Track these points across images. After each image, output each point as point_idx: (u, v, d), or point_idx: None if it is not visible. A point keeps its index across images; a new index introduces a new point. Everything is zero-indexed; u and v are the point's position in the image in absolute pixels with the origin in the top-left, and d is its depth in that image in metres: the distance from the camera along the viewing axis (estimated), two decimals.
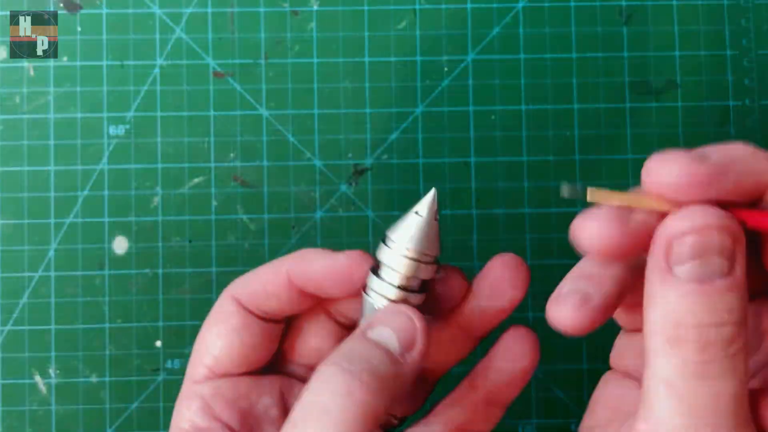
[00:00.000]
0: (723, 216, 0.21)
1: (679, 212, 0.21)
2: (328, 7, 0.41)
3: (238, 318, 0.28)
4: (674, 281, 0.20)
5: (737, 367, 0.21)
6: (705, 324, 0.20)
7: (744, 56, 0.41)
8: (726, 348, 0.20)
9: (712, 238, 0.20)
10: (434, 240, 0.26)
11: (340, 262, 0.27)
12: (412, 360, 0.25)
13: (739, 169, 0.21)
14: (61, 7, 0.40)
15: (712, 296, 0.20)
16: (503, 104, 0.40)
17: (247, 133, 0.40)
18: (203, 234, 0.40)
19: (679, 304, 0.20)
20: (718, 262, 0.20)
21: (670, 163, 0.21)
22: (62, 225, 0.39)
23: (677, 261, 0.21)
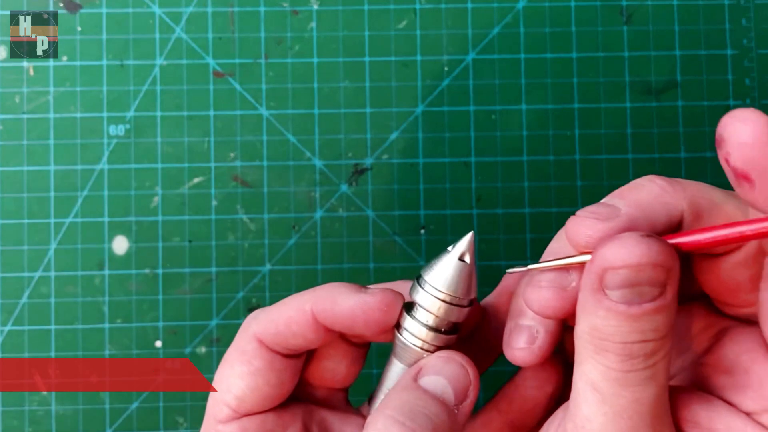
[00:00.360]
0: (657, 248, 0.21)
1: (615, 241, 0.21)
2: (328, 6, 0.41)
3: (261, 359, 0.27)
4: (605, 301, 0.21)
5: (658, 375, 0.22)
6: (629, 341, 0.21)
7: (744, 56, 0.41)
8: (647, 360, 0.22)
9: (646, 272, 0.21)
10: (470, 283, 0.25)
11: (368, 302, 0.26)
12: (464, 411, 0.25)
13: (648, 213, 0.22)
14: (61, 7, 0.40)
15: (640, 319, 0.21)
16: (503, 104, 0.40)
17: (247, 133, 0.40)
18: (203, 234, 0.40)
19: (608, 322, 0.21)
20: (648, 290, 0.21)
21: (581, 227, 0.23)
22: (62, 225, 0.39)
23: (610, 286, 0.21)
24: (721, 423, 0.23)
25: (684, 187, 0.23)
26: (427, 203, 0.40)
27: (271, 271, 0.40)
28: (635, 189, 0.23)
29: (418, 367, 0.25)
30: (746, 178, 0.21)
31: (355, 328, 0.26)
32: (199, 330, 0.39)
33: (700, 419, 0.23)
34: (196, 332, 0.39)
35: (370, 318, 0.26)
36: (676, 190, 0.23)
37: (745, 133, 0.20)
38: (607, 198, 0.23)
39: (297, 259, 0.40)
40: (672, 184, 0.23)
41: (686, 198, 0.23)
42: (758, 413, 0.22)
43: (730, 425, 0.23)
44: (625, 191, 0.23)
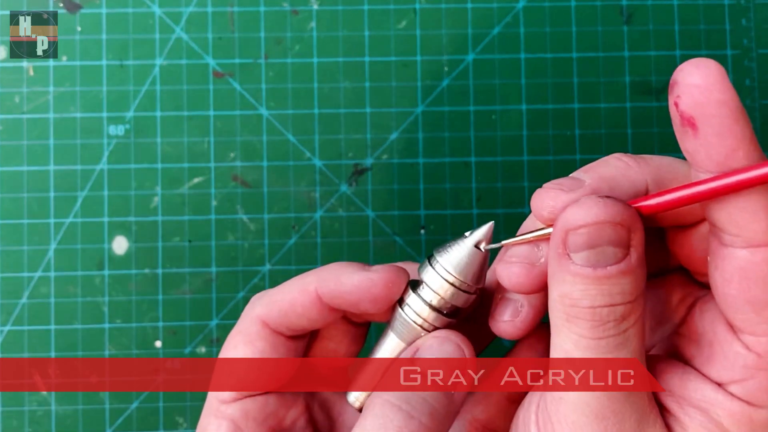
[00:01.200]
0: (616, 208, 0.22)
1: (576, 204, 0.22)
2: (328, 6, 0.41)
3: (264, 340, 0.27)
4: (570, 265, 0.22)
5: (631, 341, 0.22)
6: (598, 305, 0.22)
7: (744, 56, 0.41)
8: (618, 326, 0.22)
9: (606, 231, 0.22)
10: (481, 272, 0.25)
11: (372, 279, 0.26)
12: (461, 394, 0.25)
13: (610, 187, 0.23)
14: (61, 7, 0.40)
15: (606, 281, 0.22)
16: (503, 104, 0.40)
17: (247, 133, 0.40)
18: (203, 234, 0.40)
19: (575, 287, 0.22)
20: (611, 250, 0.22)
21: (544, 198, 0.23)
22: (62, 225, 0.39)
23: (573, 249, 0.22)
24: (693, 391, 0.23)
25: (648, 162, 0.24)
26: (427, 203, 0.40)
27: (271, 271, 0.40)
28: (601, 164, 0.24)
29: (414, 347, 0.26)
30: (691, 123, 0.21)
31: (361, 305, 0.26)
32: (199, 330, 0.39)
33: (673, 387, 0.23)
34: (196, 332, 0.39)
35: (376, 295, 0.26)
36: (640, 165, 0.24)
37: (699, 76, 0.20)
38: (573, 173, 0.24)
39: (297, 259, 0.40)
40: (637, 159, 0.24)
41: (651, 172, 0.23)
42: (728, 384, 0.23)
43: (702, 394, 0.23)
44: (590, 166, 0.24)
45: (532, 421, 0.24)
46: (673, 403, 0.23)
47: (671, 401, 0.23)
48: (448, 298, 0.25)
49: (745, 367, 0.22)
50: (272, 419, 0.27)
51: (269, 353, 0.27)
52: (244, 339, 0.27)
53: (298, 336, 0.28)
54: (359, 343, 0.29)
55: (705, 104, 0.20)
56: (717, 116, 0.20)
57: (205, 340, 0.39)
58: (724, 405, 0.22)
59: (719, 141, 0.21)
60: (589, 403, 0.22)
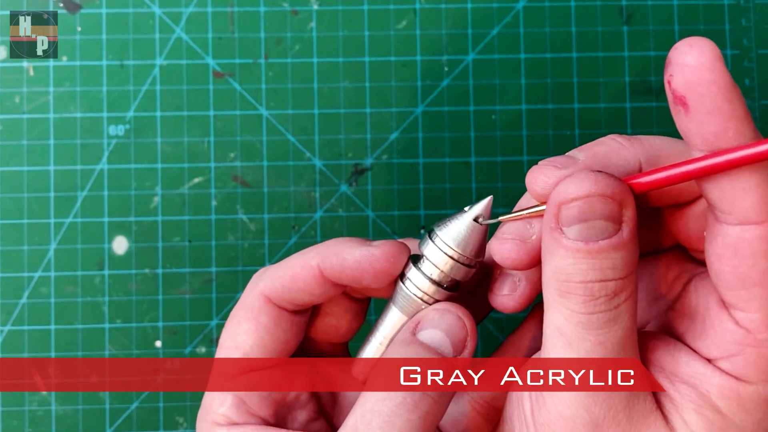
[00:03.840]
0: (610, 182, 0.22)
1: (568, 178, 0.22)
2: (328, 6, 0.41)
3: (268, 314, 0.27)
4: (563, 240, 0.22)
5: (622, 317, 0.22)
6: (590, 280, 0.22)
7: (744, 56, 0.41)
8: (610, 302, 0.22)
9: (597, 205, 0.22)
10: (480, 246, 0.26)
11: (374, 254, 0.26)
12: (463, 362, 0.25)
13: (603, 165, 0.23)
14: (61, 7, 0.40)
15: (597, 255, 0.22)
16: (503, 104, 0.40)
17: (247, 133, 0.40)
18: (203, 234, 0.40)
19: (567, 261, 0.22)
20: (603, 224, 0.22)
21: (538, 174, 0.23)
22: (62, 225, 0.39)
23: (565, 223, 0.22)
24: (683, 366, 0.23)
25: (642, 142, 0.24)
26: (427, 203, 0.40)
27: None
28: (595, 143, 0.24)
29: (416, 320, 0.26)
30: (683, 102, 0.21)
31: (363, 280, 0.26)
32: (199, 330, 0.39)
33: (664, 363, 0.24)
34: (196, 332, 0.39)
35: (377, 269, 0.26)
36: (634, 144, 0.24)
37: (692, 56, 0.20)
38: (568, 152, 0.24)
39: None
40: (631, 139, 0.24)
41: (644, 152, 0.24)
42: (717, 359, 0.23)
43: (692, 370, 0.23)
44: (585, 146, 0.24)
45: (525, 395, 0.24)
46: (664, 379, 0.23)
47: (662, 377, 0.24)
48: (449, 271, 0.26)
49: (735, 342, 0.22)
50: (276, 393, 0.28)
51: (272, 327, 0.27)
52: (247, 314, 0.28)
53: (301, 311, 0.28)
54: (360, 318, 0.30)
55: (695, 83, 0.20)
56: (707, 95, 0.20)
57: (205, 340, 0.39)
58: (713, 380, 0.23)
59: (709, 120, 0.21)
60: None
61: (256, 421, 0.27)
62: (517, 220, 0.25)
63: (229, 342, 0.28)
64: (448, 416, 0.29)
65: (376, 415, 0.24)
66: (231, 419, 0.27)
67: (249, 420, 0.27)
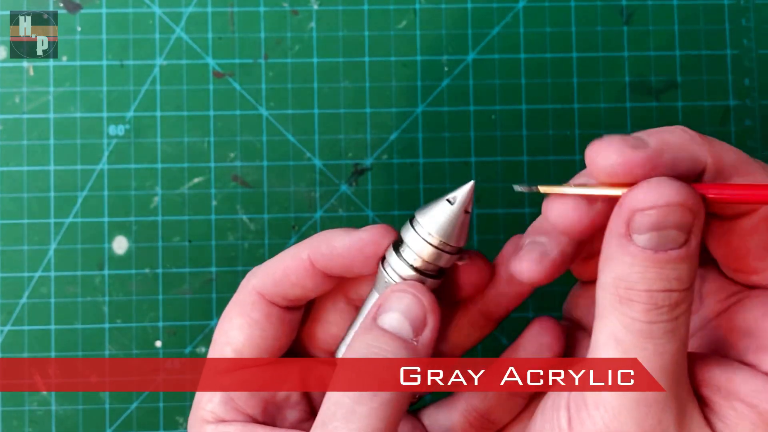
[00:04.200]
0: (686, 192, 0.21)
1: (645, 184, 0.22)
2: (328, 6, 0.41)
3: (260, 311, 0.28)
4: (631, 247, 0.22)
5: (680, 329, 0.22)
6: (655, 289, 0.22)
7: (744, 56, 0.41)
8: (671, 312, 0.22)
9: (674, 214, 0.21)
10: (461, 232, 0.26)
11: (362, 239, 0.26)
12: (425, 339, 0.25)
13: (674, 154, 0.23)
14: (61, 7, 0.40)
15: (665, 265, 0.21)
16: (503, 104, 0.40)
17: (247, 133, 0.40)
18: (203, 234, 0.40)
19: (633, 269, 0.22)
20: (675, 234, 0.21)
21: (607, 150, 0.22)
22: (62, 225, 0.39)
23: (637, 230, 0.22)
24: (742, 384, 0.23)
25: (712, 143, 0.23)
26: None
27: None
28: (666, 131, 0.23)
29: (376, 305, 0.26)
30: None
31: (354, 266, 0.26)
32: (199, 330, 0.39)
33: (720, 381, 0.23)
34: (196, 332, 0.39)
35: (367, 254, 0.26)
36: (704, 142, 0.23)
37: None
38: (635, 133, 0.23)
39: None
40: (702, 137, 0.23)
41: (712, 153, 0.23)
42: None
43: (752, 386, 0.23)
44: (654, 131, 0.23)
45: (563, 406, 0.24)
46: (720, 398, 0.23)
47: (718, 396, 0.23)
48: (429, 258, 0.26)
49: None
50: (265, 392, 0.28)
51: (264, 324, 0.27)
52: (239, 310, 0.28)
53: (293, 307, 0.28)
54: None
55: None
56: None
57: (205, 340, 0.39)
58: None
59: None
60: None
61: (244, 418, 0.27)
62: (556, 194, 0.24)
63: (220, 338, 0.28)
64: (439, 428, 0.29)
65: (340, 407, 0.23)
66: (219, 416, 0.27)
67: (237, 417, 0.27)
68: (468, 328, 0.29)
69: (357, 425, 0.23)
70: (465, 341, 0.29)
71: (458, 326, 0.29)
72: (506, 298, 0.28)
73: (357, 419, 0.23)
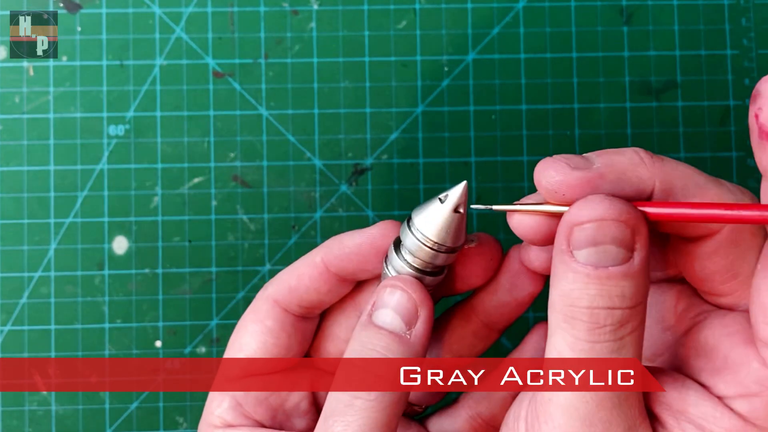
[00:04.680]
0: (620, 207, 0.22)
1: (582, 200, 0.22)
2: (328, 6, 0.41)
3: (274, 319, 0.28)
4: (572, 263, 0.22)
5: (627, 350, 0.22)
6: (597, 307, 0.21)
7: (744, 56, 0.41)
8: (615, 332, 0.22)
9: (610, 229, 0.21)
10: (456, 232, 0.26)
11: (373, 234, 0.27)
12: (418, 332, 0.25)
13: (618, 175, 0.23)
14: (61, 7, 0.40)
15: (606, 282, 0.21)
16: (503, 104, 0.40)
17: (247, 133, 0.40)
18: (203, 234, 0.40)
19: (575, 285, 0.22)
20: (614, 250, 0.22)
21: (549, 170, 0.23)
22: (62, 225, 0.39)
23: (577, 246, 0.22)
24: (692, 406, 0.23)
25: (664, 165, 0.23)
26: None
27: (270, 271, 0.40)
28: (616, 152, 0.24)
29: (371, 303, 0.26)
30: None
31: (367, 263, 0.27)
32: (199, 330, 0.39)
33: (672, 401, 0.23)
34: (196, 332, 0.39)
35: (378, 248, 0.27)
36: (655, 165, 0.23)
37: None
38: (586, 154, 0.24)
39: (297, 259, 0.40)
40: (654, 159, 0.23)
41: (662, 175, 0.23)
42: (731, 398, 0.23)
43: (701, 409, 0.23)
44: (605, 152, 0.24)
45: (522, 417, 0.24)
46: (670, 417, 0.23)
47: (668, 414, 0.23)
48: (427, 258, 0.26)
49: (758, 382, 0.22)
50: (274, 398, 0.28)
51: (277, 331, 0.28)
52: (254, 318, 0.28)
53: (307, 317, 0.29)
54: None
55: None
56: None
57: (205, 340, 0.39)
58: (721, 422, 0.22)
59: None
60: (577, 408, 0.22)
61: (252, 423, 0.27)
62: (509, 211, 0.25)
63: (234, 344, 0.28)
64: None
65: (339, 402, 0.24)
66: (227, 421, 0.27)
67: (244, 422, 0.27)
68: (472, 338, 0.29)
69: (355, 418, 0.23)
70: (469, 352, 0.29)
71: (462, 337, 0.29)
72: (508, 308, 0.28)
73: (355, 412, 0.24)
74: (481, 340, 0.29)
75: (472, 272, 0.28)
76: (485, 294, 0.28)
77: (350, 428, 0.23)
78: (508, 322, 0.29)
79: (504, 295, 0.28)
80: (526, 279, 0.28)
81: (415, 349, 0.25)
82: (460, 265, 0.28)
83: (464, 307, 0.29)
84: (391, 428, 0.24)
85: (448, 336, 0.29)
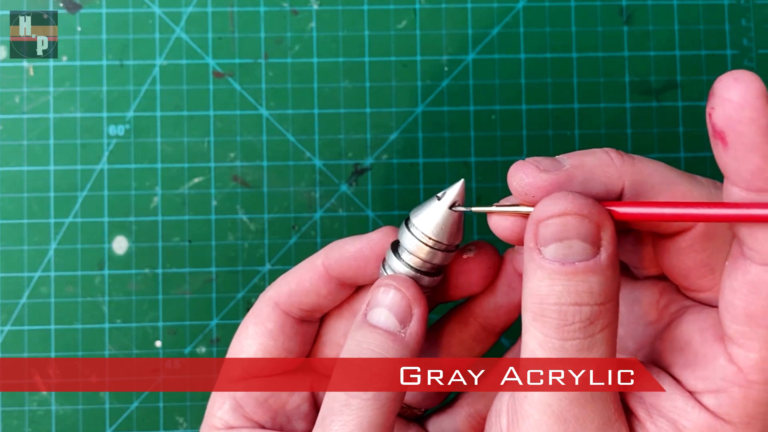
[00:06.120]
0: (583, 203, 0.22)
1: (547, 197, 0.22)
2: (328, 6, 0.41)
3: (275, 322, 0.28)
4: (540, 260, 0.22)
5: (598, 348, 0.22)
6: (564, 303, 0.21)
7: (744, 56, 0.41)
8: (585, 329, 0.22)
9: (574, 224, 0.22)
10: (454, 230, 0.26)
11: (372, 239, 0.27)
12: (413, 330, 0.25)
13: (586, 176, 0.23)
14: (61, 7, 0.40)
15: (573, 277, 0.22)
16: (503, 104, 0.40)
17: (247, 133, 0.40)
18: (203, 234, 0.40)
19: (543, 282, 0.22)
20: (580, 246, 0.22)
21: (519, 172, 0.23)
22: (62, 225, 0.39)
23: (543, 242, 0.22)
24: (664, 400, 0.23)
25: (634, 164, 0.24)
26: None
27: (270, 271, 0.40)
28: (586, 153, 0.24)
29: (365, 302, 0.26)
30: (722, 138, 0.21)
31: (367, 268, 0.27)
32: (199, 330, 0.39)
33: (645, 395, 0.24)
34: (196, 332, 0.39)
35: (378, 253, 0.27)
36: (625, 164, 0.23)
37: (736, 91, 0.20)
38: (558, 156, 0.24)
39: (297, 259, 0.40)
40: (624, 158, 0.24)
41: (632, 174, 0.23)
42: (700, 393, 0.23)
43: (672, 404, 0.23)
44: (576, 153, 0.24)
45: (504, 412, 0.24)
46: (643, 411, 0.23)
47: (641, 409, 0.23)
48: (426, 258, 0.26)
49: (724, 379, 0.22)
50: (275, 400, 0.28)
51: (277, 334, 0.28)
52: (255, 320, 0.28)
53: (308, 320, 0.29)
54: None
55: (736, 120, 0.20)
56: (746, 134, 0.20)
57: (205, 340, 0.39)
58: (691, 416, 0.22)
59: (746, 158, 0.20)
60: (551, 404, 0.22)
61: (253, 425, 0.28)
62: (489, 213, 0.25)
63: (235, 346, 0.29)
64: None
65: (336, 402, 0.24)
66: (228, 423, 0.28)
67: (245, 424, 0.28)
68: (470, 342, 0.29)
69: (351, 417, 0.24)
70: (468, 355, 0.29)
71: (461, 341, 0.29)
72: (506, 310, 0.28)
73: (351, 411, 0.24)
74: (479, 343, 0.29)
75: (470, 280, 0.28)
76: (483, 298, 0.29)
77: (347, 427, 0.24)
78: (507, 324, 0.29)
79: (501, 298, 0.28)
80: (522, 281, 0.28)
81: (410, 347, 0.25)
82: (458, 274, 0.28)
83: (462, 311, 0.29)
84: (388, 427, 0.24)
85: (447, 340, 0.29)
